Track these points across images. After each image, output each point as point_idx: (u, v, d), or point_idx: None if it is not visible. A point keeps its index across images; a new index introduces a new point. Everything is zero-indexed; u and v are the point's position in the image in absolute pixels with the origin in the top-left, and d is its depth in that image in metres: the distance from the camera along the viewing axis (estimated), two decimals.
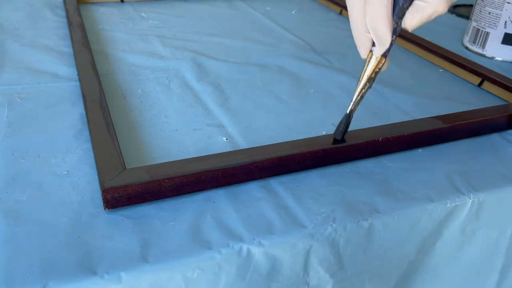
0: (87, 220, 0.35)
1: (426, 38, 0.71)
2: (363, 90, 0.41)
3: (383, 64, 0.39)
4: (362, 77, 0.40)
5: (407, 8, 0.36)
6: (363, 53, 0.39)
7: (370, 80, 0.40)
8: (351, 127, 0.49)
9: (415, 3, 0.36)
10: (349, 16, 0.38)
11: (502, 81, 0.58)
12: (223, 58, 0.65)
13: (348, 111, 0.42)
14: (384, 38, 0.37)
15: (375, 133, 0.44)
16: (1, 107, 0.49)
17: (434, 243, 0.41)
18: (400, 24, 0.37)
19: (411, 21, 0.36)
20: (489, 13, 0.68)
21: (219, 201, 0.38)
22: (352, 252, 0.37)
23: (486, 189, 0.41)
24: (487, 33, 0.69)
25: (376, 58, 0.39)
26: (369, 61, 0.40)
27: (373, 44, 0.39)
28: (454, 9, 0.94)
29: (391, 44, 0.38)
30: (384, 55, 0.39)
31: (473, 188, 0.41)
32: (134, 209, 0.36)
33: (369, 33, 0.38)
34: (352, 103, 0.41)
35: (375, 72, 0.40)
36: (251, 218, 0.36)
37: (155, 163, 0.39)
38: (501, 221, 0.43)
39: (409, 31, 0.37)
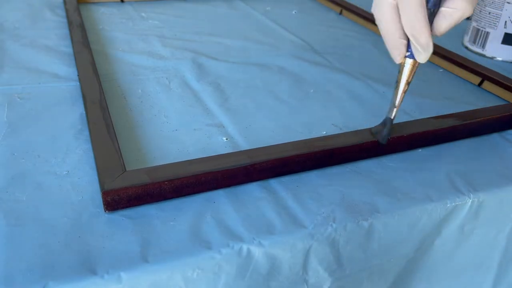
0: (87, 220, 0.35)
1: None
2: (403, 94, 0.42)
3: (418, 66, 0.40)
4: (400, 83, 0.41)
5: (435, 13, 0.37)
6: (398, 59, 0.40)
7: (408, 83, 0.41)
8: (350, 128, 0.49)
9: (442, 10, 0.37)
10: (380, 25, 0.39)
11: (502, 81, 0.58)
12: (223, 58, 0.65)
13: (392, 117, 0.42)
14: (427, 45, 0.38)
15: None
16: (1, 107, 0.49)
17: (432, 241, 0.41)
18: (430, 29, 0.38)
19: (440, 27, 0.37)
20: (489, 13, 0.68)
21: (219, 201, 0.38)
22: (351, 252, 0.37)
23: (486, 189, 0.41)
24: (487, 33, 0.69)
25: (412, 62, 0.40)
26: (403, 66, 0.40)
27: (407, 49, 0.39)
28: None
29: None
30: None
31: (473, 188, 0.41)
32: (134, 209, 0.36)
33: (404, 39, 0.39)
34: (395, 109, 0.42)
35: (413, 76, 0.41)
36: (251, 218, 0.36)
37: (155, 165, 0.39)
38: (500, 220, 0.43)
39: (438, 36, 0.38)
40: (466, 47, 0.74)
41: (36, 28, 0.72)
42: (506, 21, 0.67)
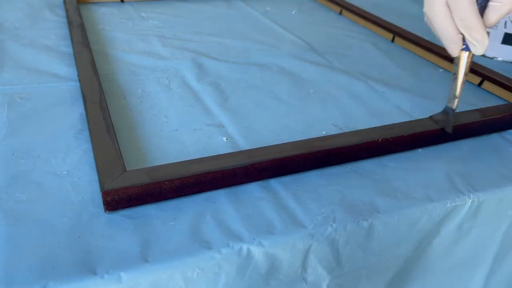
0: (87, 220, 0.35)
1: (426, 38, 0.71)
2: (463, 85, 0.44)
3: (473, 56, 0.43)
4: (459, 74, 0.43)
5: (485, 6, 0.40)
6: (456, 53, 0.43)
7: (466, 74, 0.43)
8: (350, 128, 0.49)
9: (491, 4, 0.39)
10: (433, 23, 0.42)
11: (502, 81, 0.58)
12: (223, 58, 0.65)
13: (454, 107, 0.45)
14: (482, 39, 0.40)
15: (375, 133, 0.44)
16: (1, 107, 0.49)
17: (431, 240, 0.41)
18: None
19: (490, 20, 0.40)
20: None
21: (219, 201, 0.38)
22: (351, 251, 0.37)
23: (486, 189, 0.41)
24: (487, 33, 0.69)
25: (468, 54, 0.42)
26: (460, 59, 0.43)
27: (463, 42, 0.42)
28: None
29: None
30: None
31: (473, 188, 0.41)
32: (134, 209, 0.36)
33: (460, 34, 0.41)
34: (456, 100, 0.45)
35: (469, 66, 0.43)
36: (251, 218, 0.36)
37: (155, 165, 0.39)
38: (498, 218, 0.44)
39: (488, 26, 0.41)
40: None
41: (36, 28, 0.72)
42: (506, 21, 0.67)
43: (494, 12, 0.40)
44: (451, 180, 0.42)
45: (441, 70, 0.65)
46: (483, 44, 0.41)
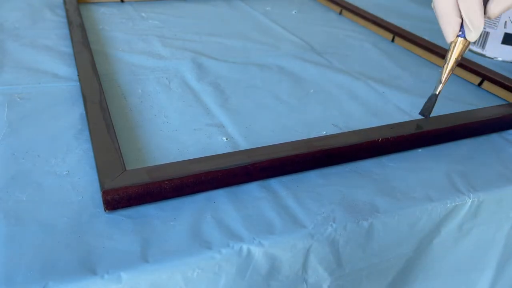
0: (87, 220, 0.35)
1: (426, 38, 0.71)
2: (451, 72, 0.45)
3: (467, 46, 0.43)
4: (450, 59, 0.44)
5: None
6: (451, 37, 0.43)
7: (457, 62, 0.44)
8: (350, 128, 0.49)
9: None
10: (437, 3, 0.42)
11: (502, 81, 0.58)
12: (223, 58, 0.65)
13: (437, 92, 0.45)
14: (479, 25, 0.41)
15: (375, 133, 0.44)
16: (1, 107, 0.49)
17: (431, 240, 0.41)
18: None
19: (493, 11, 0.41)
20: None
21: (219, 201, 0.38)
22: (351, 251, 0.37)
23: (486, 189, 0.41)
24: (487, 33, 0.69)
25: (463, 42, 0.43)
26: (455, 45, 0.44)
27: (460, 29, 0.43)
28: None
29: None
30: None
31: (473, 188, 0.41)
32: (134, 209, 0.36)
33: (459, 18, 0.42)
34: (441, 84, 0.45)
35: (461, 55, 0.44)
36: (251, 218, 0.36)
37: (155, 164, 0.39)
38: (499, 219, 0.43)
39: (491, 18, 0.42)
40: None
41: (36, 28, 0.72)
42: (506, 21, 0.67)
43: (499, 4, 0.40)
44: (451, 180, 0.42)
45: (440, 70, 0.65)
46: (477, 29, 0.42)
